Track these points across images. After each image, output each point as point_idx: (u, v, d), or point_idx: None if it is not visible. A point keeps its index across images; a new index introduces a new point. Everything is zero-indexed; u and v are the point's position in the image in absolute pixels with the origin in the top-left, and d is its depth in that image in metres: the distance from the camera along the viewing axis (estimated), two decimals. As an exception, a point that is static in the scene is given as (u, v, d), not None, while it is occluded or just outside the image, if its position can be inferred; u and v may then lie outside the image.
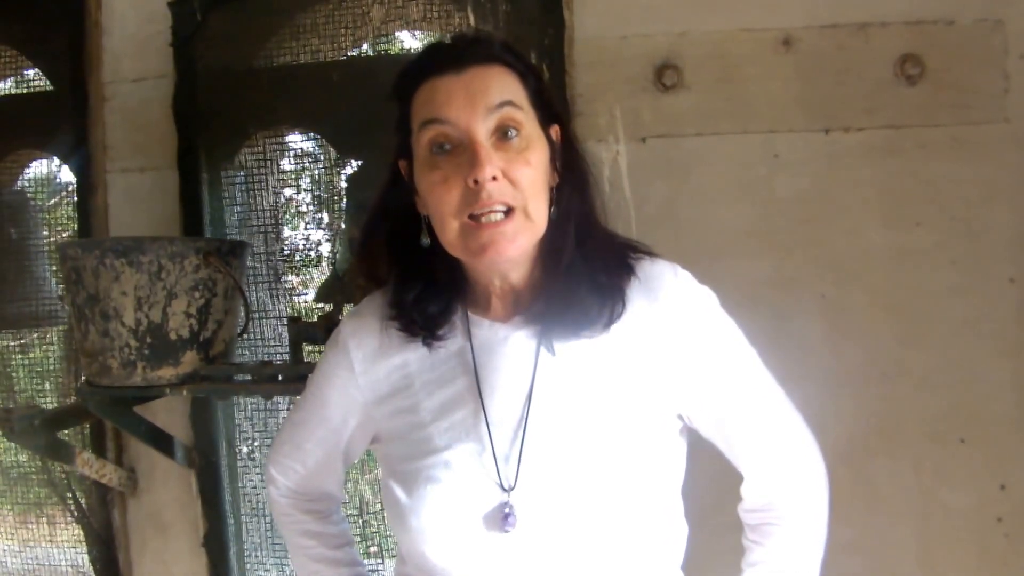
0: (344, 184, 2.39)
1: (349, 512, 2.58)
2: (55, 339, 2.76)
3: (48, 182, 2.80)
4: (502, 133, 1.09)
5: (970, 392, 1.96)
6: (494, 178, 1.06)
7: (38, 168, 2.78)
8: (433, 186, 1.09)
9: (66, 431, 2.40)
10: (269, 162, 2.38)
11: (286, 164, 2.47)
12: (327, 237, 2.60)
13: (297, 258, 2.61)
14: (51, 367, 2.76)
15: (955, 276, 1.97)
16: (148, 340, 1.89)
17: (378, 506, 2.54)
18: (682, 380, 1.16)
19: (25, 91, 2.69)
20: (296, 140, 2.46)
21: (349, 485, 2.80)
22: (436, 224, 1.13)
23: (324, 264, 2.72)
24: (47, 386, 2.73)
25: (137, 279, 1.86)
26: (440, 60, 1.12)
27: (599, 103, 2.05)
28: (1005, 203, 1.95)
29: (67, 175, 2.63)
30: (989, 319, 1.96)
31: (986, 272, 1.96)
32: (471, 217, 1.07)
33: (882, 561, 1.99)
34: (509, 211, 1.07)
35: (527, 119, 1.11)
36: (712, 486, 1.27)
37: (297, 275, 2.71)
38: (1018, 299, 1.95)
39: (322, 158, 2.48)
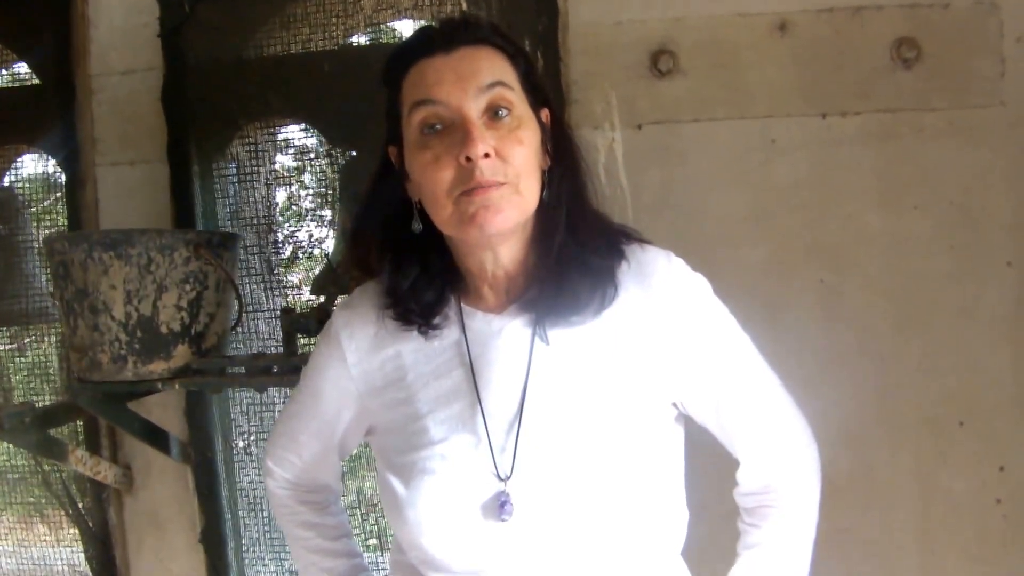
0: (337, 175, 2.37)
1: (349, 505, 2.58)
2: (50, 338, 2.74)
3: (41, 182, 2.77)
4: (493, 112, 1.08)
5: (968, 375, 1.97)
6: (486, 155, 1.05)
7: (30, 165, 2.77)
8: (425, 166, 1.08)
9: (62, 429, 2.39)
10: (261, 154, 2.36)
11: (279, 156, 2.46)
12: (325, 233, 2.59)
13: (291, 253, 2.60)
14: (45, 365, 2.74)
15: (952, 260, 1.96)
16: (138, 334, 1.88)
17: (377, 499, 2.53)
18: (676, 367, 1.16)
19: (11, 85, 2.66)
20: (289, 133, 2.44)
21: (357, 482, 2.80)
22: (429, 205, 1.12)
23: (321, 258, 2.71)
24: (44, 387, 2.71)
25: (126, 272, 1.84)
26: (429, 42, 1.11)
27: (594, 90, 2.04)
28: (1002, 186, 1.95)
29: (61, 179, 2.61)
30: (987, 303, 1.96)
31: (984, 256, 1.96)
32: (463, 194, 1.06)
33: (882, 544, 2.00)
34: (501, 186, 1.07)
35: (518, 99, 1.11)
36: (712, 474, 1.27)
37: (290, 270, 2.69)
38: (1016, 283, 1.95)
39: (318, 151, 2.47)
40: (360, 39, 2.38)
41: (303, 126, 2.43)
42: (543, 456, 1.11)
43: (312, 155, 2.47)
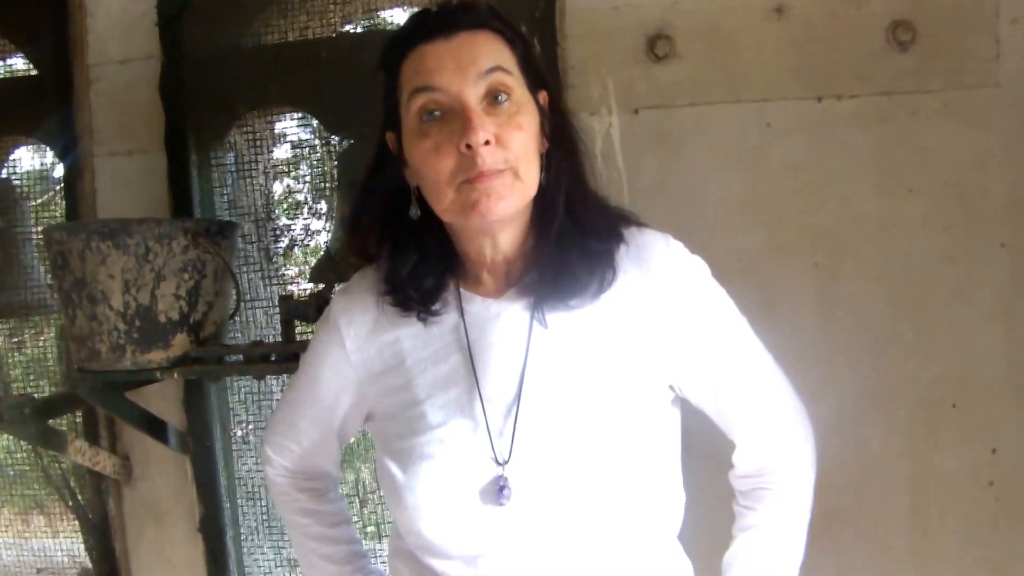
0: (335, 162, 2.37)
1: (347, 493, 2.58)
2: (49, 332, 2.74)
3: (39, 173, 2.77)
4: (493, 98, 1.08)
5: (962, 358, 1.97)
6: (487, 142, 1.04)
7: (28, 158, 2.76)
8: (426, 154, 1.08)
9: (60, 420, 2.39)
10: (259, 143, 2.36)
11: (277, 147, 2.45)
12: (322, 226, 2.58)
13: (288, 245, 2.59)
14: (44, 359, 2.74)
15: (947, 242, 1.96)
16: (137, 323, 1.88)
17: (375, 486, 2.54)
18: (674, 350, 1.17)
19: (9, 76, 2.66)
20: (286, 125, 2.43)
21: (354, 473, 2.81)
22: (429, 193, 1.12)
23: (317, 250, 2.71)
24: (43, 383, 2.72)
25: (124, 262, 1.84)
26: (428, 27, 1.11)
27: (591, 75, 2.04)
28: (996, 168, 1.95)
29: (58, 170, 2.61)
30: (981, 285, 1.96)
31: (978, 238, 1.96)
32: (465, 182, 1.06)
33: (873, 526, 2.01)
34: (501, 173, 1.07)
35: (517, 84, 1.11)
36: (708, 457, 1.27)
37: (288, 262, 2.69)
38: (1009, 264, 1.95)
39: (315, 145, 2.46)
40: (358, 27, 2.37)
41: (300, 116, 2.42)
42: (541, 440, 1.11)
43: (308, 148, 2.47)
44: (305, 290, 2.36)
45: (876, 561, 2.01)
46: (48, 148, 2.61)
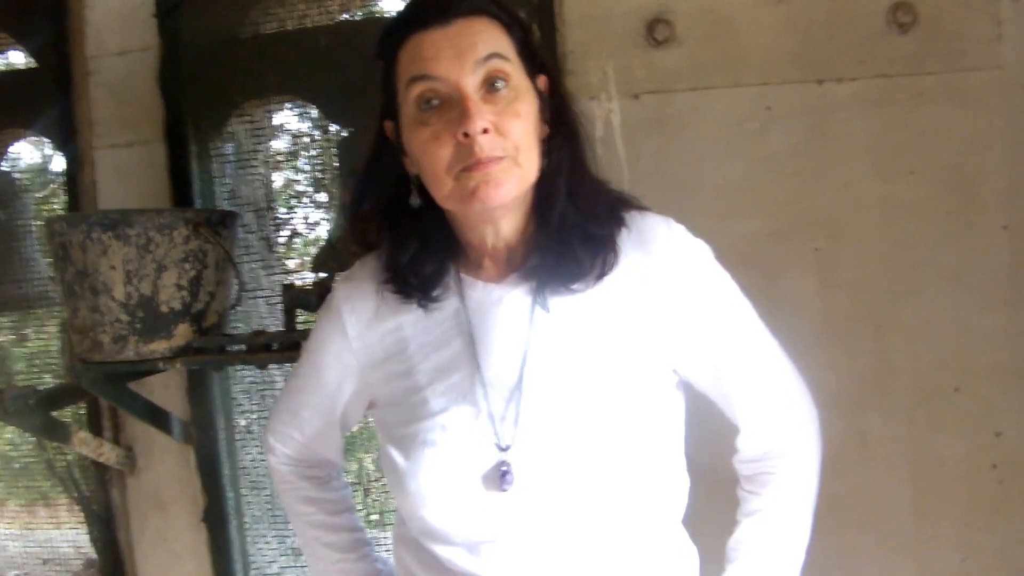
0: (335, 152, 2.37)
1: (351, 482, 2.59)
2: (51, 327, 2.75)
3: (39, 167, 2.77)
4: (490, 85, 1.08)
5: (964, 341, 1.96)
6: (485, 131, 1.04)
7: (29, 154, 2.76)
8: (424, 143, 1.08)
9: (64, 412, 2.40)
10: (259, 132, 2.36)
11: (277, 138, 2.45)
12: (322, 216, 2.58)
13: (292, 237, 2.59)
14: (47, 354, 2.75)
15: (948, 225, 1.95)
16: (139, 314, 1.88)
17: (378, 474, 2.54)
18: (676, 333, 1.16)
19: (7, 69, 2.66)
20: (285, 116, 2.44)
21: (361, 464, 2.81)
22: (428, 181, 1.12)
23: (318, 241, 2.71)
24: (46, 377, 2.72)
25: (125, 252, 1.85)
26: (425, 14, 1.11)
27: (591, 60, 2.03)
28: (998, 149, 1.93)
29: (59, 162, 2.61)
30: (982, 267, 1.95)
31: (979, 220, 1.94)
32: (464, 170, 1.06)
33: (876, 512, 2.00)
34: (500, 160, 1.07)
35: (515, 70, 1.10)
36: (712, 442, 1.27)
37: (289, 251, 2.69)
38: (1011, 247, 1.94)
39: (314, 136, 2.46)
40: (356, 14, 2.37)
41: (300, 107, 2.42)
42: (543, 425, 1.12)
43: (308, 138, 2.47)
44: (306, 279, 2.36)
45: (878, 546, 2.01)
46: (48, 141, 2.61)
